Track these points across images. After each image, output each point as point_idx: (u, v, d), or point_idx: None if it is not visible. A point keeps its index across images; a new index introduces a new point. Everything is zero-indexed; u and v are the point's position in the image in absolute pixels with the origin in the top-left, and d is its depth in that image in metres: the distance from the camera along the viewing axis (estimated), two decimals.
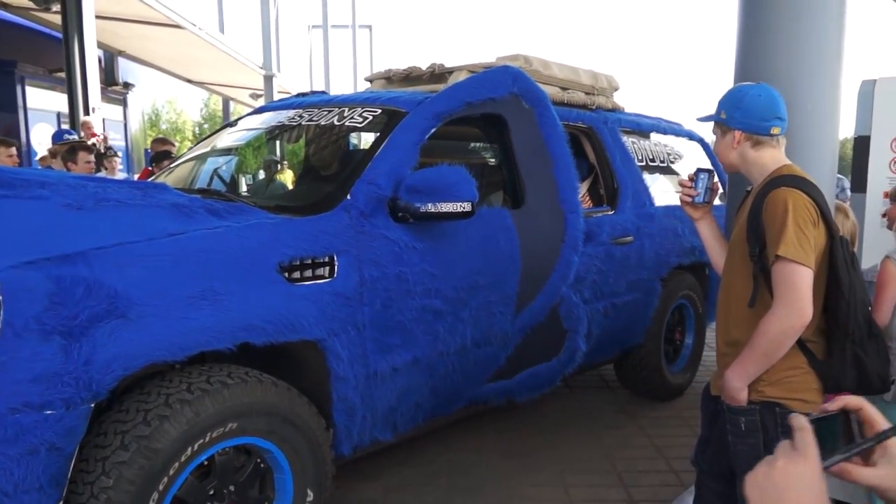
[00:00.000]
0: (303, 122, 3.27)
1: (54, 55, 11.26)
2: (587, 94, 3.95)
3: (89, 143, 8.19)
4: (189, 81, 18.14)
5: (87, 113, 10.37)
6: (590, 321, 3.56)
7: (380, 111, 3.06)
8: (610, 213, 3.80)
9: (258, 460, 2.33)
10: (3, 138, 5.28)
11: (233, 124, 3.72)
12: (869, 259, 3.53)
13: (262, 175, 3.50)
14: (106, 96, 14.91)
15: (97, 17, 12.42)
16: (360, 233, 2.60)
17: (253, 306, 2.23)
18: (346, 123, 3.06)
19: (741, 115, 1.98)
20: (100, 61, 15.09)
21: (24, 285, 1.84)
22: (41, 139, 12.06)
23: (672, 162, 4.50)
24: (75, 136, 5.74)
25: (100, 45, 14.60)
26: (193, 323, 2.08)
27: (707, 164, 4.75)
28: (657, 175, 4.28)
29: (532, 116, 3.35)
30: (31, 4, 11.32)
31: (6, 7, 12.15)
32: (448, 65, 3.73)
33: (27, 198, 2.24)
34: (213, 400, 2.10)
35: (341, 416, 2.54)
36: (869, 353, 1.87)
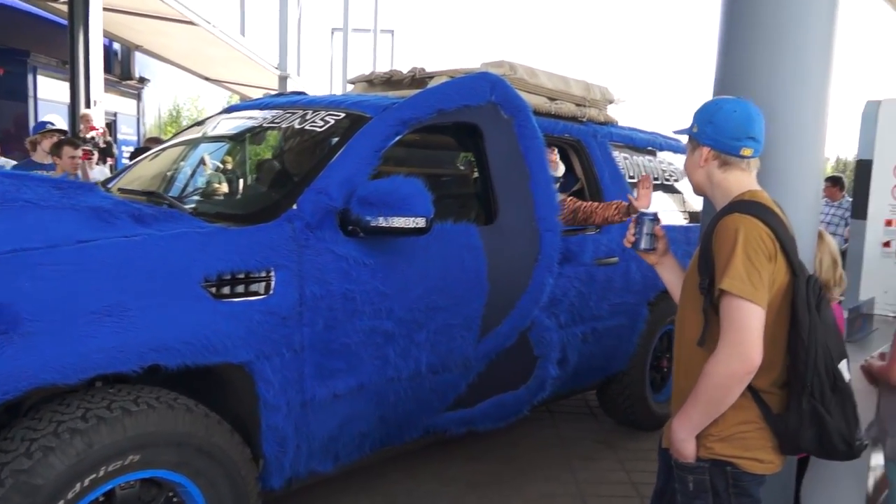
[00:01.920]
0: (264, 125, 3.06)
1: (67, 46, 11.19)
2: (578, 105, 3.70)
3: (88, 136, 8.05)
4: (206, 79, 18.07)
5: (87, 105, 10.26)
6: (566, 347, 3.31)
7: (343, 115, 2.83)
8: (594, 232, 3.54)
9: (170, 494, 2.11)
10: (70, 138, 5.23)
11: (200, 123, 3.51)
12: (868, 290, 3.25)
13: (214, 178, 3.26)
14: (120, 90, 14.91)
15: (111, 10, 12.37)
16: (303, 246, 2.37)
17: (168, 325, 2.01)
18: (307, 127, 2.84)
19: (712, 130, 1.77)
20: (116, 55, 15.12)
21: None
22: None
23: (669, 180, 4.23)
24: (55, 125, 5.57)
25: (116, 39, 14.63)
26: (93, 342, 1.86)
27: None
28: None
29: (510, 127, 3.11)
30: None
31: None
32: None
33: None
34: (111, 429, 1.88)
35: (271, 447, 2.31)
36: (832, 410, 1.62)
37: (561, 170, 3.67)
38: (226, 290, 2.18)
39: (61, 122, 5.92)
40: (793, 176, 2.03)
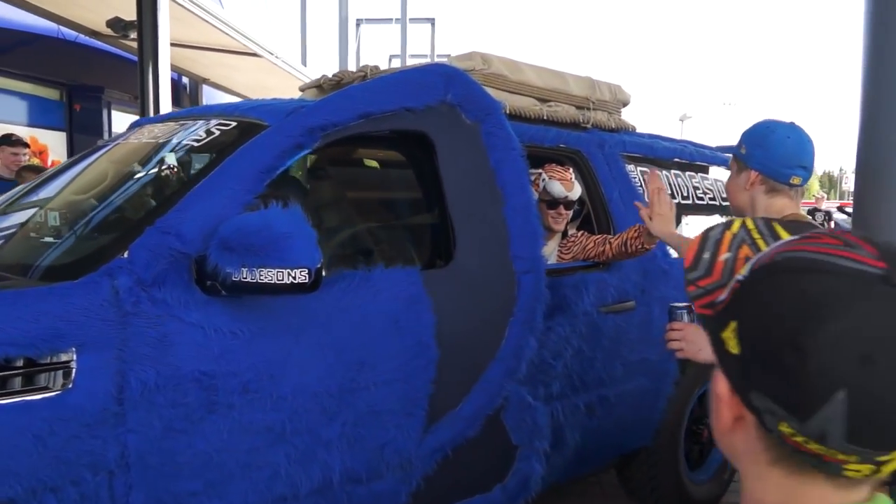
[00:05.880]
0: (141, 143, 2.18)
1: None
2: (579, 107, 2.69)
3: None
4: None
5: None
6: (561, 425, 2.29)
7: (233, 125, 1.94)
8: (600, 268, 2.52)
9: None
10: (16, 137, 4.76)
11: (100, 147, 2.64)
12: None
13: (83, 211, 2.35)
14: None
15: (179, 45, 12.08)
16: (128, 314, 1.49)
17: None
18: (184, 142, 1.97)
19: (762, 154, 1.65)
20: (185, 89, 14.94)
21: None
22: None
23: (702, 198, 3.15)
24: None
25: (185, 73, 14.39)
26: None
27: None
28: (681, 217, 2.95)
29: (476, 135, 2.15)
30: (117, 33, 11.10)
31: (97, 36, 11.98)
32: (413, 64, 2.57)
33: None
34: None
35: None
36: None
37: (577, 191, 2.65)
38: None
39: None
40: None
